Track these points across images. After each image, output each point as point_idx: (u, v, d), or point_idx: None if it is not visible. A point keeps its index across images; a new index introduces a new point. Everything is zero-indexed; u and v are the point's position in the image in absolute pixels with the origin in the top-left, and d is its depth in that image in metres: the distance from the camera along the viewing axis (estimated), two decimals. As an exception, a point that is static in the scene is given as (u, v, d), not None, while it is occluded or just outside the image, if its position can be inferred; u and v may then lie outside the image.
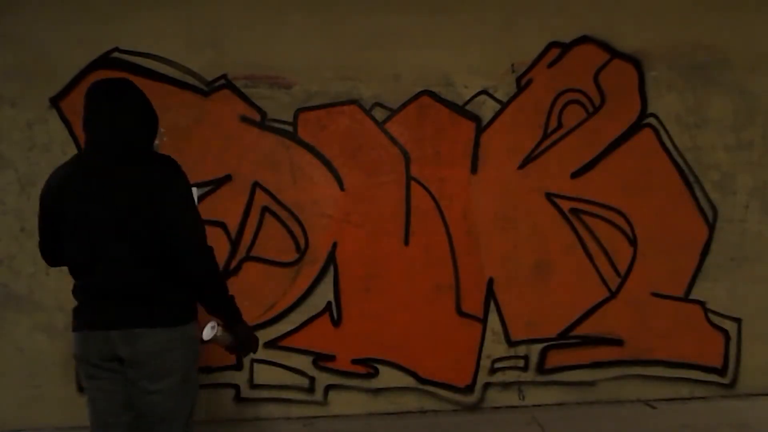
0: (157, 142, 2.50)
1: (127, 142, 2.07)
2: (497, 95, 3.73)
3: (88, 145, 2.11)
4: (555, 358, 3.76)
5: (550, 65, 3.74)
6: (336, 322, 3.70)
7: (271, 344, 3.68)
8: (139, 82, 3.62)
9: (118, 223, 1.96)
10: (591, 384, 3.78)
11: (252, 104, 3.67)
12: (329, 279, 3.69)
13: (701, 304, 3.78)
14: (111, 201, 1.97)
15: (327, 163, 3.70)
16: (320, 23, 3.68)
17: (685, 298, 3.77)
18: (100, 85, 2.12)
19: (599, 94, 3.74)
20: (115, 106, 2.08)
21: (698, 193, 3.77)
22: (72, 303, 1.87)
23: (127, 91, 2.14)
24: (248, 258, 3.67)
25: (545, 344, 3.75)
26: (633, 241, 3.76)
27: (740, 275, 3.78)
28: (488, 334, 3.75)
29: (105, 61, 3.63)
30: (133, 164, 2.02)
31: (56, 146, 3.63)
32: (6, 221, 3.64)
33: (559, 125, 3.74)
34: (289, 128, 3.68)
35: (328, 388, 3.73)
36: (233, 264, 3.67)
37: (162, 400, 2.01)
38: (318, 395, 3.72)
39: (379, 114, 3.71)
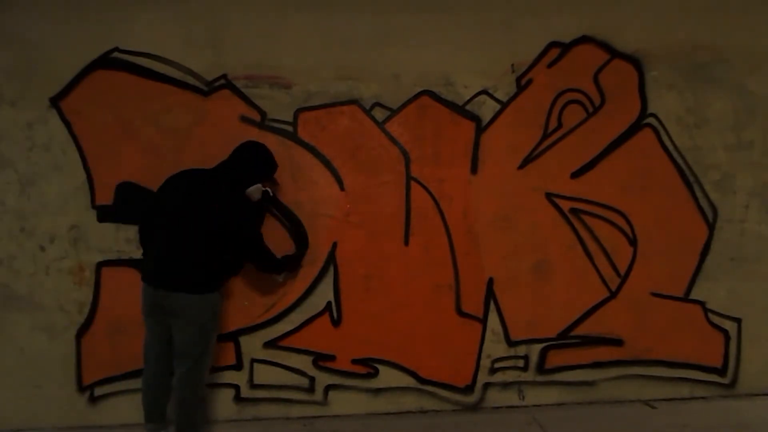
0: None
1: None
2: (497, 95, 3.73)
3: None
4: (555, 358, 3.76)
5: (550, 65, 3.74)
6: (336, 322, 3.70)
7: (271, 344, 3.68)
8: (139, 82, 3.68)
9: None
10: (591, 384, 3.78)
11: (252, 104, 3.67)
12: (329, 279, 3.69)
13: (701, 304, 3.78)
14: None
15: (327, 163, 3.70)
16: (320, 23, 3.68)
17: (685, 298, 3.78)
18: None
19: (599, 94, 3.74)
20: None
21: (698, 193, 3.77)
22: (71, 302, 1.88)
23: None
24: (248, 258, 3.68)
25: (545, 344, 3.76)
26: (633, 241, 3.76)
27: (740, 275, 3.78)
28: (488, 334, 3.75)
29: (105, 61, 3.63)
30: None
31: (56, 146, 3.63)
32: (6, 221, 3.64)
33: (559, 125, 3.74)
34: (289, 128, 3.68)
35: (328, 388, 3.73)
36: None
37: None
38: (318, 395, 3.72)
39: (379, 114, 3.71)
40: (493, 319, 3.75)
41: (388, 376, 3.74)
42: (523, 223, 3.74)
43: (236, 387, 3.71)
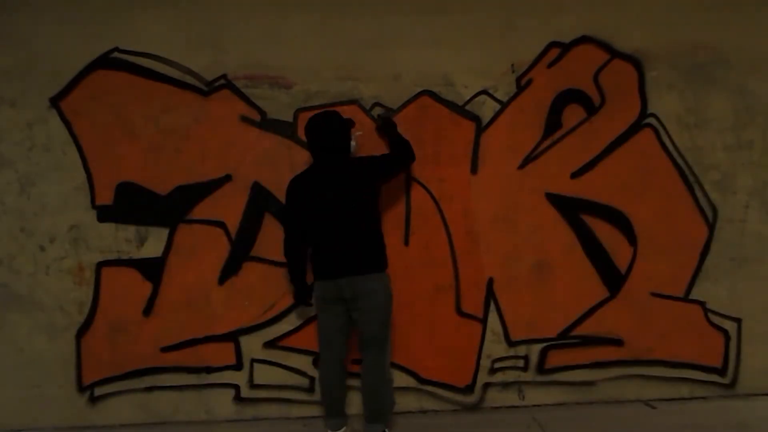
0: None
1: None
2: (497, 95, 3.73)
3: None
4: (555, 358, 3.76)
5: (550, 65, 3.74)
6: (336, 322, 3.70)
7: (271, 344, 3.69)
8: (139, 82, 3.68)
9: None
10: (591, 384, 3.77)
11: (252, 104, 3.68)
12: (329, 279, 3.69)
13: (701, 304, 3.78)
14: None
15: (327, 163, 3.69)
16: (320, 23, 3.68)
17: (685, 298, 3.77)
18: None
19: (599, 94, 3.74)
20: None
21: (698, 193, 3.77)
22: (71, 302, 1.90)
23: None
24: (248, 258, 3.67)
25: (545, 344, 3.75)
26: (633, 241, 3.76)
27: (740, 275, 3.78)
28: (488, 334, 3.74)
29: (105, 61, 3.63)
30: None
31: (56, 146, 3.64)
32: (6, 221, 3.65)
33: (559, 125, 3.74)
34: (289, 128, 3.68)
35: (328, 388, 3.72)
36: (233, 264, 3.67)
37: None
38: (318, 395, 3.71)
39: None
40: (493, 319, 3.75)
41: (388, 376, 3.73)
42: (523, 223, 3.73)
43: (236, 387, 3.71)
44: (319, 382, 3.50)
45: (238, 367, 3.70)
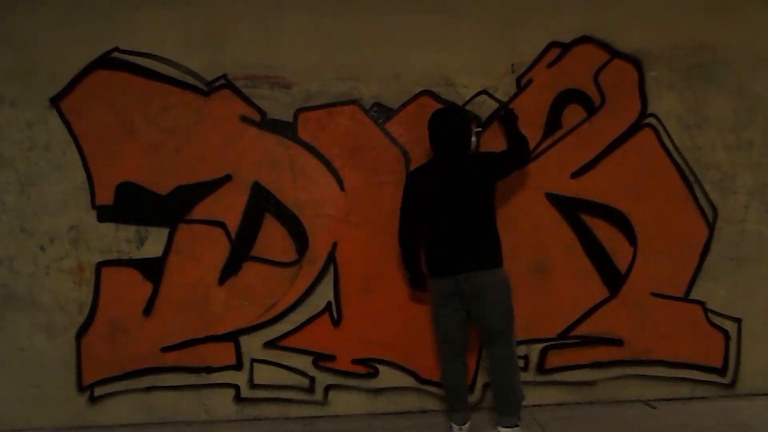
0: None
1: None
2: (497, 95, 3.73)
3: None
4: (555, 358, 3.76)
5: (550, 65, 3.74)
6: (336, 322, 3.70)
7: (271, 344, 3.69)
8: (139, 81, 3.69)
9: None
10: (591, 384, 3.77)
11: (252, 104, 3.68)
12: (329, 279, 3.69)
13: (701, 304, 3.78)
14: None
15: (327, 163, 3.70)
16: (320, 23, 3.69)
17: (685, 298, 3.77)
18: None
19: (599, 94, 3.74)
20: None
21: (698, 193, 3.77)
22: (71, 302, 1.87)
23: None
24: (248, 258, 3.68)
25: (545, 344, 3.75)
26: (633, 241, 3.76)
27: (740, 275, 3.78)
28: (488, 334, 3.74)
29: (105, 61, 3.64)
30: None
31: (56, 146, 3.64)
32: (6, 221, 3.65)
33: (559, 125, 3.74)
34: (289, 128, 3.68)
35: (328, 388, 3.73)
36: (233, 264, 3.67)
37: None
38: (318, 395, 3.72)
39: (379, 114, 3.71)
40: (493, 319, 3.74)
41: (388, 376, 3.73)
42: (523, 223, 3.73)
43: (236, 387, 3.71)
44: (441, 378, 3.39)
45: (238, 367, 3.70)
